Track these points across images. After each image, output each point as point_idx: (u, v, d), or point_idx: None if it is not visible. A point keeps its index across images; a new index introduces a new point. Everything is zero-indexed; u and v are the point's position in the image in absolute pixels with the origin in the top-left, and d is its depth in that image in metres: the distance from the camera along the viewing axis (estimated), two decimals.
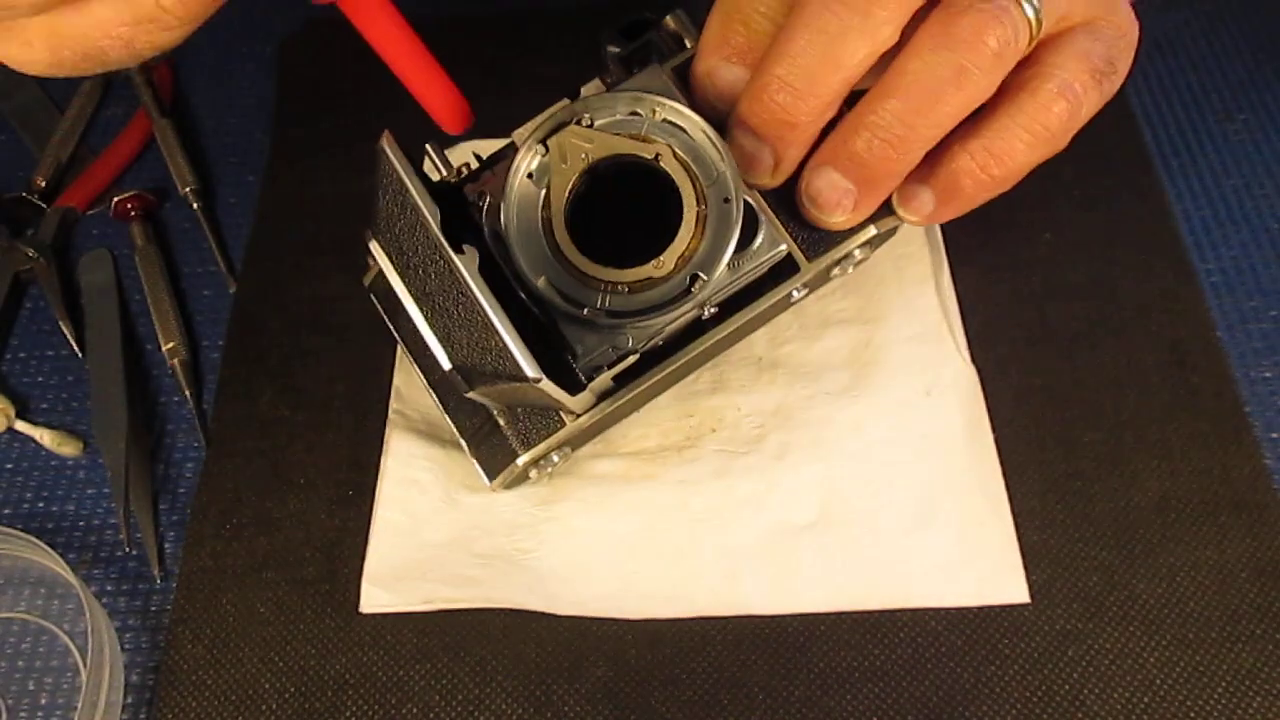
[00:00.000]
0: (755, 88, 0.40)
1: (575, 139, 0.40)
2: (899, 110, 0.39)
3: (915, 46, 0.38)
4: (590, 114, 0.41)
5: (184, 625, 0.46)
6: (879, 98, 0.39)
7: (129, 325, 0.56)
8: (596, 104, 0.41)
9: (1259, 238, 0.56)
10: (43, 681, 0.46)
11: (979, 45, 0.37)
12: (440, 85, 0.43)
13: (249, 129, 0.64)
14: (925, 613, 0.45)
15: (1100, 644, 0.44)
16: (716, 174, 0.40)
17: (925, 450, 0.48)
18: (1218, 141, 0.59)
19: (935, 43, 0.38)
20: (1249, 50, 0.63)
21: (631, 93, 0.41)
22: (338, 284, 0.56)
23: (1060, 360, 0.51)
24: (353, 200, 0.59)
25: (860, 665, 0.44)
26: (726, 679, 0.44)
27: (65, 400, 0.54)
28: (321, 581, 0.47)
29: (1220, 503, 0.47)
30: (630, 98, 0.41)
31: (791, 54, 0.38)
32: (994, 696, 0.43)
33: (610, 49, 0.47)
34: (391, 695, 0.45)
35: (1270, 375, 0.51)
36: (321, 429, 0.51)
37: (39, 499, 0.51)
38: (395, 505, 0.48)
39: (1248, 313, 0.53)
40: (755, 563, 0.46)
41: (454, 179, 0.43)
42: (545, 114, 0.41)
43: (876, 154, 0.39)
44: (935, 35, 0.38)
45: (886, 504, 0.47)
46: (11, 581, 0.49)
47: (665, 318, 0.41)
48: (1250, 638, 0.44)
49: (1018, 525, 0.47)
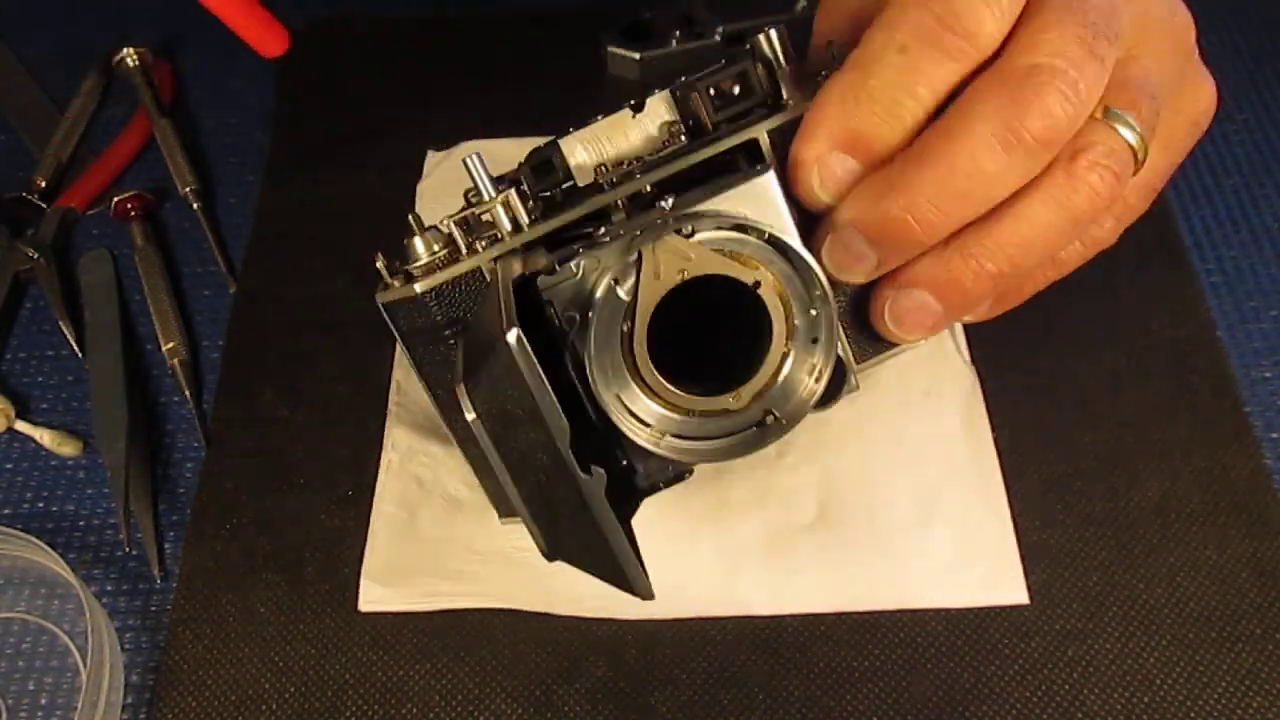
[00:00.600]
0: (892, 199, 0.37)
1: (673, 253, 0.36)
2: (1014, 254, 0.37)
3: (1041, 194, 0.36)
4: (693, 225, 0.36)
5: (184, 625, 0.46)
6: (993, 234, 0.37)
7: (129, 325, 0.56)
8: (703, 220, 0.37)
9: (1259, 238, 0.56)
10: (43, 681, 0.46)
11: (1099, 201, 0.37)
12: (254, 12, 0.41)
13: (249, 129, 0.64)
14: (925, 613, 0.45)
15: (1100, 644, 0.44)
16: (813, 315, 0.39)
17: (924, 450, 0.48)
18: (1218, 141, 0.59)
19: (1061, 195, 0.36)
20: (1249, 50, 0.63)
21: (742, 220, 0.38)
22: (338, 284, 0.56)
23: (1060, 360, 0.51)
24: (352, 200, 0.59)
25: (860, 665, 0.44)
26: (726, 679, 0.44)
27: (65, 400, 0.54)
28: (321, 581, 0.47)
29: (1220, 503, 0.47)
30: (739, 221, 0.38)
31: (950, 176, 0.36)
32: (994, 697, 0.43)
33: (613, 49, 0.45)
34: (391, 695, 0.44)
35: (1270, 375, 0.51)
36: (321, 429, 0.51)
37: (39, 499, 0.51)
38: (394, 500, 0.48)
39: (1248, 313, 0.53)
40: (754, 563, 0.46)
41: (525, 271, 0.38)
42: (644, 218, 0.38)
43: (981, 286, 0.38)
44: (1060, 185, 0.36)
45: (885, 504, 0.47)
46: (11, 581, 0.49)
47: (730, 448, 0.40)
48: (1250, 638, 0.44)
49: (1017, 525, 0.47)
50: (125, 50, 0.65)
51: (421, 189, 0.59)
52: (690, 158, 0.39)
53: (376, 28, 0.67)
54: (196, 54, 0.68)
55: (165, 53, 0.68)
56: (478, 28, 0.67)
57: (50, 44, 0.69)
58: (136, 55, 0.65)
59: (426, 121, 0.62)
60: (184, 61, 0.68)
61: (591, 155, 0.41)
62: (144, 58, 0.66)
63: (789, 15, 0.62)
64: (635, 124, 0.40)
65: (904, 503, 0.47)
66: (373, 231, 0.57)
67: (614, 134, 0.41)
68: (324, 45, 0.66)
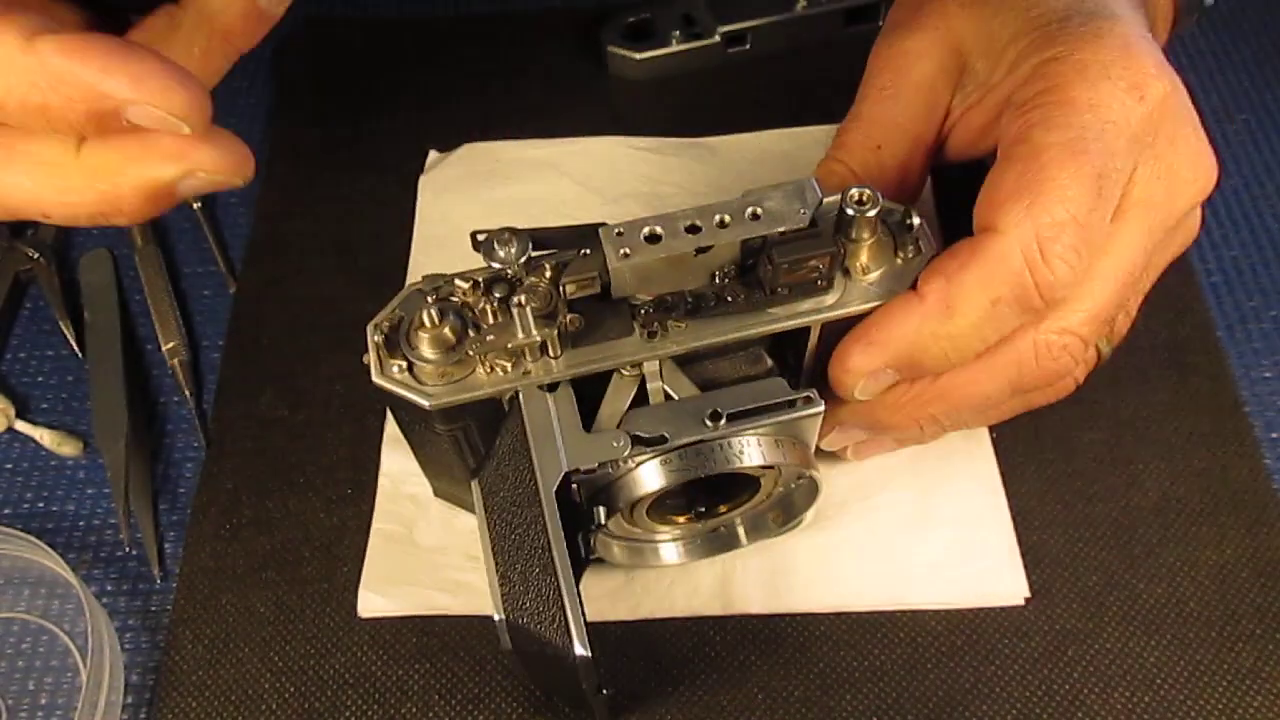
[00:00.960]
0: (915, 412, 0.42)
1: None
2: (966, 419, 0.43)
3: (1010, 391, 0.41)
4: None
5: (184, 625, 0.46)
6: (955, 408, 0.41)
7: (129, 325, 0.56)
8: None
9: (1259, 238, 0.56)
10: (43, 681, 0.46)
11: (1058, 394, 0.43)
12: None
13: (249, 129, 0.64)
14: (924, 613, 0.45)
15: (1100, 644, 0.44)
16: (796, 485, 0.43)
17: (921, 451, 0.48)
18: (1218, 141, 0.59)
19: (1024, 386, 0.41)
20: (1249, 50, 0.63)
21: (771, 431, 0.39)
22: (338, 284, 0.56)
23: None
24: (352, 200, 0.59)
25: (860, 665, 0.44)
26: (725, 679, 0.44)
27: (65, 400, 0.54)
28: (321, 581, 0.47)
29: (1220, 503, 0.47)
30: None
31: (960, 403, 0.41)
32: (993, 696, 0.43)
33: (613, 49, 0.44)
34: (391, 694, 0.45)
35: (1270, 375, 0.51)
36: (321, 429, 0.51)
37: (39, 499, 0.51)
38: (391, 518, 0.48)
39: (1248, 313, 0.53)
40: (751, 563, 0.46)
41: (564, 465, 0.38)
42: (689, 440, 0.38)
43: (924, 435, 0.44)
44: (1028, 380, 0.40)
45: (882, 505, 0.47)
46: (11, 581, 0.49)
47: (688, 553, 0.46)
48: (1250, 638, 0.44)
49: (1017, 525, 0.47)
50: None
51: (422, 183, 0.59)
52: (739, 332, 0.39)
53: (376, 28, 0.67)
54: None
55: None
56: (477, 28, 0.67)
57: None
58: None
59: (426, 122, 0.62)
60: None
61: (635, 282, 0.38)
62: None
63: (789, 14, 0.62)
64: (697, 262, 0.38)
65: (902, 503, 0.47)
66: (372, 231, 0.58)
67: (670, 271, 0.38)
68: (323, 45, 0.66)
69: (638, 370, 0.39)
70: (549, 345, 0.37)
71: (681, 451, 0.38)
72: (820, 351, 0.41)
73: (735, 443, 0.38)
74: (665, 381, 0.39)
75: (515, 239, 0.37)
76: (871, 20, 0.63)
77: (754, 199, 0.37)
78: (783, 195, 0.37)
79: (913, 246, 0.39)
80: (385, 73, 0.65)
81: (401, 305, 0.39)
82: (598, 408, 0.39)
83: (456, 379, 0.38)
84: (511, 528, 0.37)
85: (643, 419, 0.38)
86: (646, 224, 0.37)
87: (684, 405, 0.38)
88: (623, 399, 0.39)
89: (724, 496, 0.43)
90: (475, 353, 0.37)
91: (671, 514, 0.44)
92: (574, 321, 0.38)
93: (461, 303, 0.38)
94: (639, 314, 0.38)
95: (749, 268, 0.39)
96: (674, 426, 0.38)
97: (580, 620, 0.35)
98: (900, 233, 0.39)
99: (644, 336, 0.38)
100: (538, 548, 0.36)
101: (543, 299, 0.38)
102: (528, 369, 0.38)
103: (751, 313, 0.39)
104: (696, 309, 0.39)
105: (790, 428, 0.39)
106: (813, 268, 0.38)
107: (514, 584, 0.37)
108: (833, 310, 0.39)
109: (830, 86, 0.47)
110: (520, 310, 0.36)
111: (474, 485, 0.39)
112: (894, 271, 0.39)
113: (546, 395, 0.38)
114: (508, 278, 0.38)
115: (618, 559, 0.45)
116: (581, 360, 0.38)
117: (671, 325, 0.38)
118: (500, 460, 0.38)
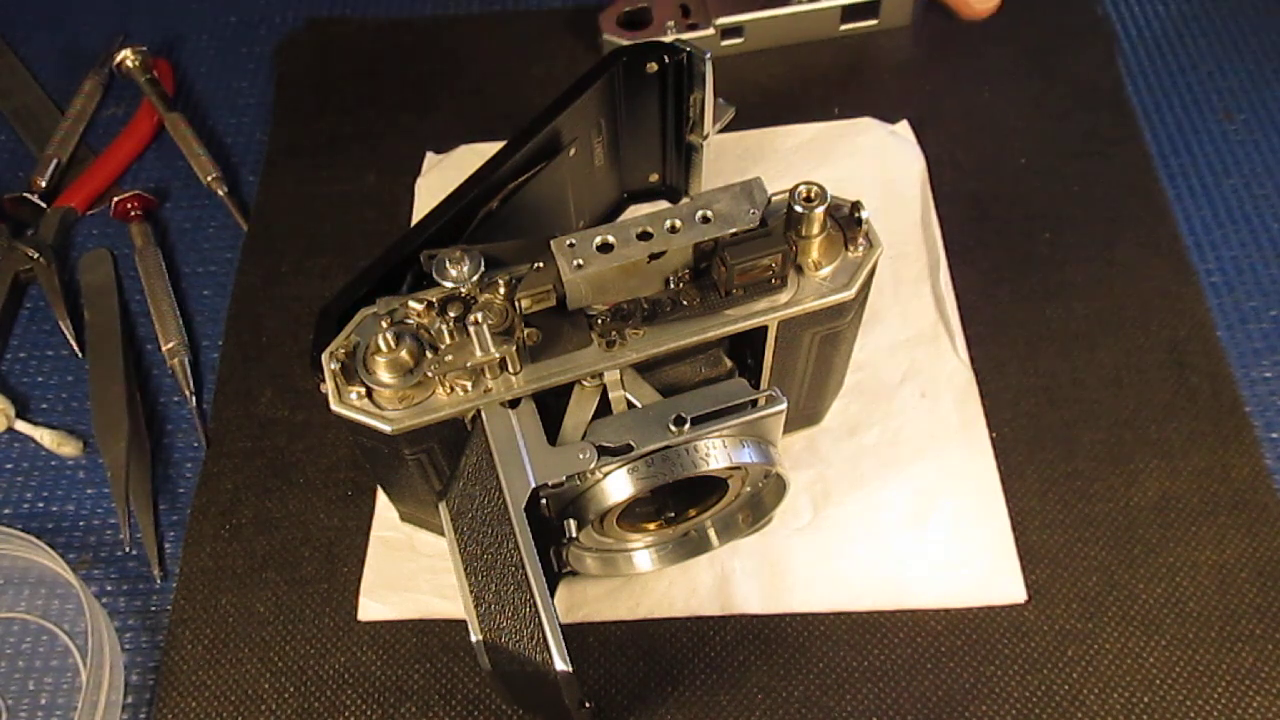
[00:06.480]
0: None
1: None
2: None
3: None
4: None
5: (184, 625, 0.46)
6: None
7: (129, 325, 0.56)
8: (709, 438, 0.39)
9: (1259, 238, 0.56)
10: (43, 681, 0.46)
11: None
12: None
13: (249, 129, 0.64)
14: (924, 613, 0.45)
15: (1100, 644, 0.44)
16: (763, 484, 0.43)
17: (920, 451, 0.48)
18: (1218, 141, 0.59)
19: None
20: (1249, 50, 0.63)
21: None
22: (337, 283, 0.55)
23: (1060, 360, 0.51)
24: (351, 200, 0.59)
25: (859, 665, 0.44)
26: (725, 679, 0.44)
27: (65, 400, 0.54)
28: (320, 581, 0.47)
29: (1220, 503, 0.47)
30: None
31: None
32: (993, 696, 0.43)
33: (609, 38, 0.44)
34: (390, 695, 0.45)
35: (1270, 375, 0.51)
36: (321, 429, 0.51)
37: (39, 499, 0.51)
38: (390, 525, 0.49)
39: (1248, 313, 0.53)
40: (750, 564, 0.46)
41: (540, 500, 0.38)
42: (655, 447, 0.37)
43: None
44: None
45: (881, 505, 0.47)
46: (11, 581, 0.49)
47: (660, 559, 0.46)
48: (1250, 638, 0.44)
49: (1016, 525, 0.47)
50: (125, 50, 0.65)
51: (420, 186, 0.59)
52: (697, 335, 0.38)
53: (375, 28, 0.67)
54: (196, 54, 0.68)
55: (165, 52, 0.68)
56: (477, 28, 0.67)
57: (50, 44, 0.69)
58: (136, 55, 0.65)
59: (424, 121, 0.62)
60: (184, 61, 0.68)
61: (591, 292, 0.38)
62: (144, 57, 0.65)
63: (786, 10, 0.62)
64: (650, 268, 0.38)
65: (901, 503, 0.47)
66: (371, 231, 0.58)
67: (625, 279, 0.38)
68: (323, 46, 0.66)
69: (599, 380, 0.38)
70: (508, 362, 0.37)
71: (648, 458, 0.38)
72: (778, 349, 0.41)
73: (701, 446, 0.38)
74: (627, 389, 0.39)
75: (467, 257, 0.37)
76: (868, 16, 0.63)
77: (703, 201, 0.37)
78: (731, 197, 0.38)
79: (863, 240, 0.39)
80: (385, 73, 0.65)
81: (357, 330, 0.38)
82: (561, 421, 0.38)
83: (417, 401, 0.37)
84: (483, 547, 0.37)
85: (607, 429, 0.38)
86: (598, 234, 0.37)
87: (647, 412, 0.38)
88: (586, 410, 0.38)
89: (693, 500, 0.43)
90: (434, 374, 0.37)
91: (642, 522, 0.43)
92: (532, 336, 0.38)
93: (417, 324, 0.38)
94: (596, 324, 0.38)
95: (703, 271, 0.39)
96: (639, 434, 0.37)
97: (558, 635, 0.35)
98: (849, 226, 0.39)
99: (603, 346, 0.38)
100: (510, 565, 0.36)
101: (499, 315, 0.37)
102: (488, 387, 0.38)
103: (708, 315, 0.39)
104: (653, 315, 0.38)
105: (754, 427, 0.39)
106: (765, 267, 0.38)
107: (489, 604, 0.36)
108: (788, 308, 0.39)
109: (825, 83, 0.47)
110: (477, 328, 0.36)
111: (441, 507, 0.38)
112: (845, 265, 0.39)
113: (509, 412, 0.38)
114: (462, 296, 0.38)
115: (591, 570, 0.44)
116: (542, 374, 0.38)
117: (629, 333, 0.38)
118: (466, 480, 0.38)
